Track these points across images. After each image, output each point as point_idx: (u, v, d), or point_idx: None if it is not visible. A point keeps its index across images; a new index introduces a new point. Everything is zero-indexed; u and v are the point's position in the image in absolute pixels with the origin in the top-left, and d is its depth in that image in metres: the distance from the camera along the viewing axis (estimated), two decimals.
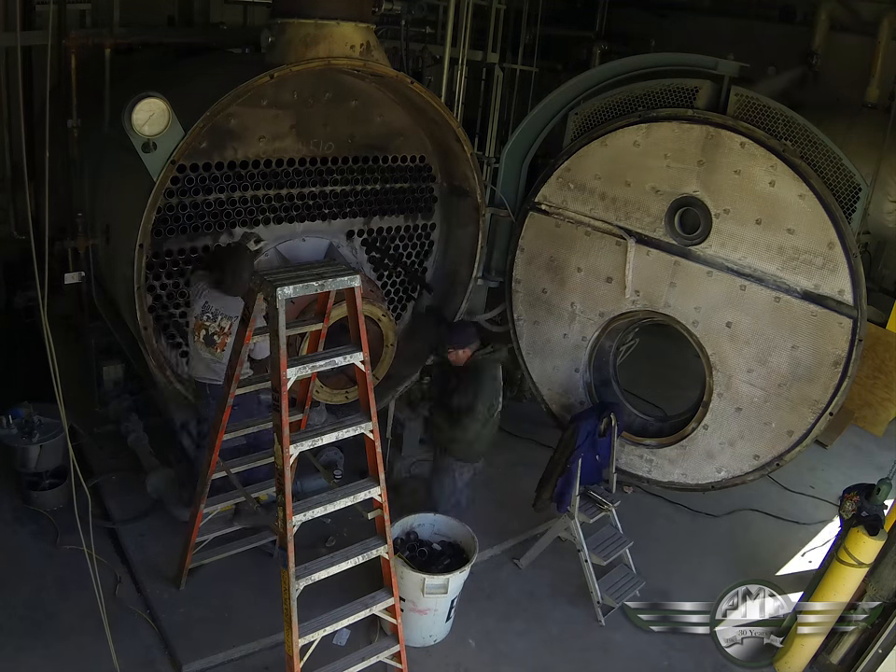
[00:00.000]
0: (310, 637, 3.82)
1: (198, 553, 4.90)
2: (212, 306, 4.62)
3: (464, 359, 5.15)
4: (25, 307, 7.31)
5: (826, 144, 5.02)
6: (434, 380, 5.77)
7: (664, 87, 5.58)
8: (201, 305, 4.62)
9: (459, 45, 6.68)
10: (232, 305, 4.59)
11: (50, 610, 4.64)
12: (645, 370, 7.97)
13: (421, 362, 6.13)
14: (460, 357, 5.15)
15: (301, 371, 3.71)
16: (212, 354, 4.68)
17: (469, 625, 4.95)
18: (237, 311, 4.50)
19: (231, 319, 4.59)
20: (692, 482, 5.88)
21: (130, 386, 6.36)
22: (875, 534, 4.47)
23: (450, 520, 5.13)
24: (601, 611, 5.14)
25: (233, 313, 4.58)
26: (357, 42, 4.92)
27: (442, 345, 5.29)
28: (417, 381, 6.14)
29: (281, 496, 3.68)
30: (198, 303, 4.64)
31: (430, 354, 6.02)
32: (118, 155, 5.09)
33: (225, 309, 4.62)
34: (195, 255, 5.09)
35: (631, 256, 5.73)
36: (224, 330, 4.58)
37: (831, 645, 4.79)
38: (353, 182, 5.65)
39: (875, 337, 7.02)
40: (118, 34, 5.54)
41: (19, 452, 5.38)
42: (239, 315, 4.41)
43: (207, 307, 4.62)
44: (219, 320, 4.61)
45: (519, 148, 6.43)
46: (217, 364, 4.70)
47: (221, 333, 4.59)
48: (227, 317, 4.60)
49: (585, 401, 6.25)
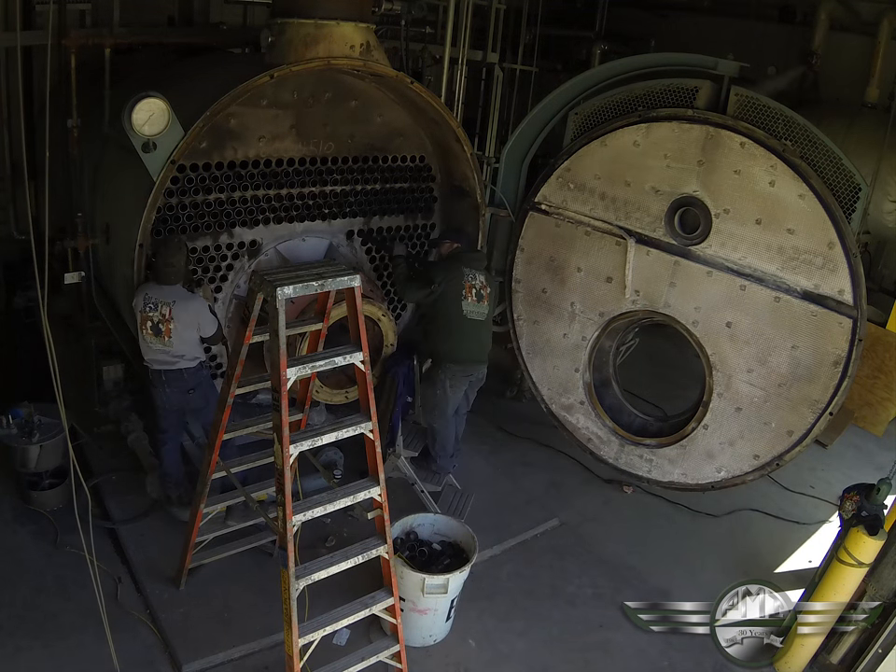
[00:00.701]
0: (310, 636, 3.81)
1: (198, 553, 4.89)
2: (151, 297, 4.79)
3: (447, 251, 5.73)
4: (25, 307, 7.31)
5: (826, 144, 5.02)
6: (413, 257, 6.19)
7: (664, 87, 5.58)
8: (142, 299, 4.79)
9: (459, 45, 6.69)
10: (168, 293, 4.78)
11: (50, 610, 4.64)
12: (645, 370, 7.97)
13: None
14: (445, 249, 5.75)
15: (301, 371, 3.72)
16: (161, 343, 4.83)
17: (469, 625, 4.95)
18: (172, 296, 4.77)
19: (169, 304, 4.76)
20: (692, 481, 5.88)
21: (130, 386, 6.36)
22: (875, 534, 4.47)
23: (450, 520, 5.13)
24: None
25: (169, 298, 4.77)
26: (356, 42, 4.93)
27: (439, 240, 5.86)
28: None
29: (281, 496, 3.68)
30: (140, 298, 4.81)
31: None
32: (118, 155, 5.09)
33: (162, 296, 4.78)
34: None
35: (631, 256, 5.74)
36: (165, 317, 4.76)
37: (831, 645, 4.78)
38: (353, 182, 5.65)
39: (874, 337, 7.02)
40: (118, 34, 5.54)
41: (19, 452, 5.37)
42: (173, 300, 4.75)
43: (148, 298, 4.79)
44: (160, 308, 4.77)
45: (519, 148, 6.43)
46: (166, 352, 4.86)
47: (164, 321, 4.77)
48: (164, 303, 4.78)
49: (585, 401, 6.25)
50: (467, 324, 5.49)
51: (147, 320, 4.78)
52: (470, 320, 5.49)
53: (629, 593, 5.34)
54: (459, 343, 5.53)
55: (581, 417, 6.31)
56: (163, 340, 4.81)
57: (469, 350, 5.58)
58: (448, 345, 5.53)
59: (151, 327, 4.79)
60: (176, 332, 4.78)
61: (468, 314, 5.47)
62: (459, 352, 5.55)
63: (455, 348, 5.53)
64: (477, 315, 5.52)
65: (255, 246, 5.37)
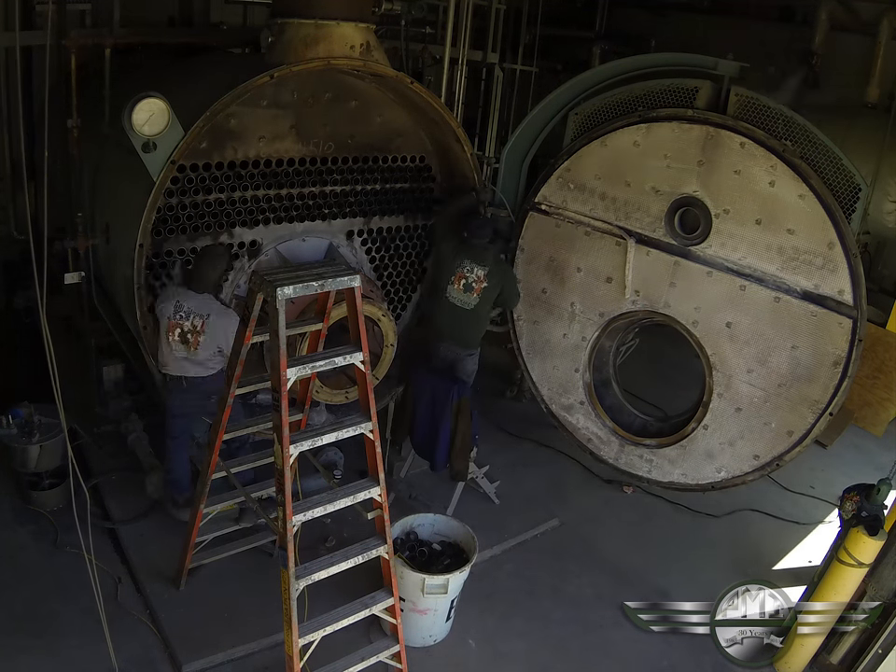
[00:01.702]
0: (310, 637, 3.81)
1: (197, 553, 4.90)
2: (183, 305, 4.78)
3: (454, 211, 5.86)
4: (25, 307, 7.31)
5: (826, 144, 5.02)
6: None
7: (664, 87, 5.58)
8: (173, 305, 4.78)
9: (459, 45, 6.68)
10: (202, 304, 4.79)
11: (50, 610, 4.64)
12: (645, 370, 7.97)
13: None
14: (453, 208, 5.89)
15: (301, 372, 3.72)
16: (186, 351, 4.83)
17: (469, 625, 4.95)
18: (206, 309, 4.78)
19: (203, 317, 4.77)
20: (692, 482, 5.88)
21: (130, 386, 6.36)
22: (875, 534, 4.47)
23: (450, 520, 5.14)
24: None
25: (204, 311, 4.78)
26: (356, 42, 4.92)
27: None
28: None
29: (281, 496, 3.68)
30: (169, 304, 4.80)
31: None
32: (117, 155, 5.09)
33: (196, 307, 4.78)
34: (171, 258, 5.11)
35: (631, 256, 5.73)
36: (197, 329, 4.76)
37: (831, 645, 4.78)
38: (353, 182, 5.65)
39: (874, 337, 7.01)
40: (118, 34, 5.53)
41: (19, 452, 5.37)
42: (208, 314, 4.76)
43: (179, 306, 4.77)
44: (192, 318, 4.77)
45: (519, 148, 6.43)
46: (189, 359, 4.86)
47: (194, 332, 4.77)
48: (198, 315, 4.77)
49: (585, 401, 6.25)
50: (446, 304, 5.74)
51: (177, 327, 4.75)
52: (451, 304, 5.71)
53: (629, 593, 5.34)
54: (438, 317, 5.84)
55: (581, 417, 6.31)
56: (189, 349, 4.80)
57: (441, 325, 5.83)
58: (434, 317, 5.90)
59: (179, 335, 4.77)
60: (204, 344, 4.79)
61: (449, 297, 5.71)
62: (440, 329, 5.85)
63: (435, 320, 5.89)
64: (459, 303, 5.69)
65: (255, 247, 5.36)
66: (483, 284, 5.63)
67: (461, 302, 5.68)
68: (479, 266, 5.64)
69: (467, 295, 5.65)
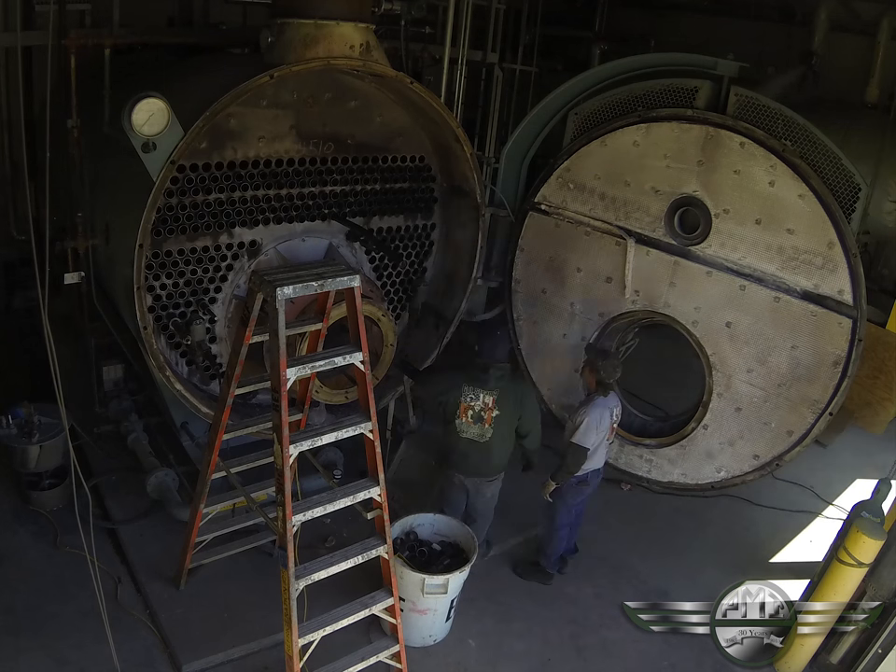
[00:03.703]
0: (310, 636, 3.82)
1: (197, 553, 4.90)
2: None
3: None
4: (25, 307, 7.31)
5: (826, 144, 5.02)
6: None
7: (663, 87, 5.58)
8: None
9: (459, 45, 6.66)
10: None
11: (50, 610, 4.64)
12: (645, 370, 7.96)
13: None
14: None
15: (301, 371, 3.72)
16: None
17: (469, 625, 4.95)
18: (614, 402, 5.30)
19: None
20: (691, 481, 5.88)
21: (130, 386, 6.36)
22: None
23: (450, 520, 5.13)
24: None
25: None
26: (356, 42, 4.92)
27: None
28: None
29: (281, 496, 3.68)
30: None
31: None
32: (117, 155, 5.09)
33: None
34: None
35: (631, 256, 5.74)
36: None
37: (831, 645, 4.79)
38: (353, 182, 5.65)
39: (874, 337, 6.98)
40: (118, 34, 5.52)
41: (19, 452, 5.38)
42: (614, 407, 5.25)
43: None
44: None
45: (519, 148, 6.43)
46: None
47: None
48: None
49: None
50: (462, 442, 5.07)
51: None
52: (466, 439, 5.06)
53: (629, 593, 5.35)
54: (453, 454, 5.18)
55: None
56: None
57: (457, 462, 5.18)
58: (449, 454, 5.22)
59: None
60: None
61: (460, 431, 5.06)
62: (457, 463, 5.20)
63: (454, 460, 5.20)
64: (473, 437, 5.04)
65: (255, 247, 5.36)
66: (493, 412, 5.00)
67: (475, 436, 5.04)
68: (484, 392, 4.99)
69: (478, 426, 5.02)
